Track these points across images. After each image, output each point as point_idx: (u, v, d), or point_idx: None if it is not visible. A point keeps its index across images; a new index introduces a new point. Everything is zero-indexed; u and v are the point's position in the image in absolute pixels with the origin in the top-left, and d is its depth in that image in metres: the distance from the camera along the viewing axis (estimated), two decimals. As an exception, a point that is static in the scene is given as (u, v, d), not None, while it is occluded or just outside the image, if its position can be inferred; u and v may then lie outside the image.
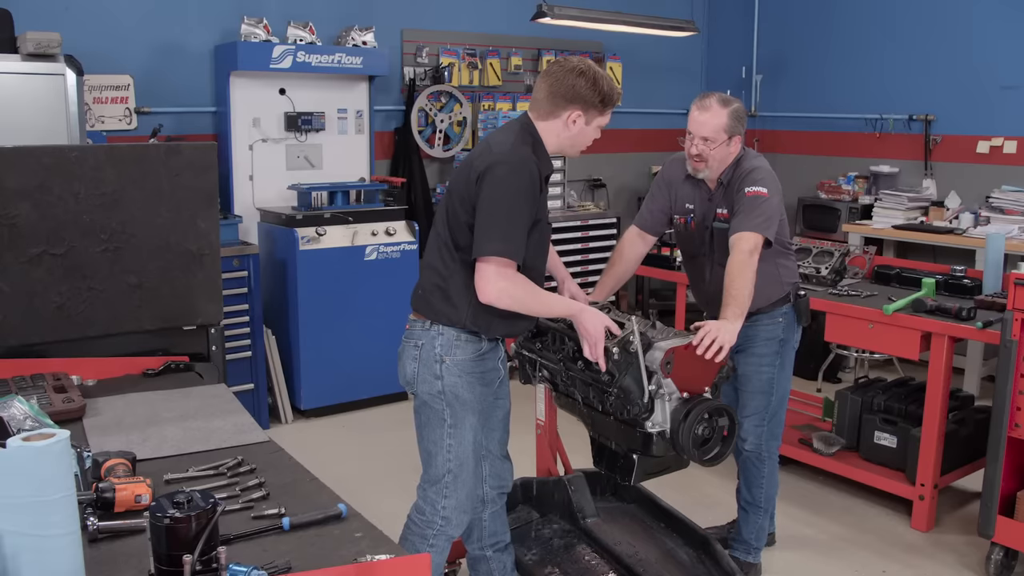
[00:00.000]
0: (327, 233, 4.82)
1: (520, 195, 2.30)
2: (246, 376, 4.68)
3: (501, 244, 2.27)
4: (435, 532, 2.52)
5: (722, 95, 2.91)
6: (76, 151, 2.84)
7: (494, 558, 2.81)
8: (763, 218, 2.79)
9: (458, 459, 2.48)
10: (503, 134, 2.45)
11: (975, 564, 3.37)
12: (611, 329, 2.42)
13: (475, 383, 2.47)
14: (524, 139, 2.40)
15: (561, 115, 2.40)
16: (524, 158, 2.33)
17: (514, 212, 2.29)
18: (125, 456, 1.91)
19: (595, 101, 2.39)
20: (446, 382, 2.43)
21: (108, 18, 4.79)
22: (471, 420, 2.48)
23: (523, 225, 2.31)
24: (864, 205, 6.07)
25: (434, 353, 2.43)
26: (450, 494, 2.51)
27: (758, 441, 3.15)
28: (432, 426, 2.49)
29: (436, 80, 5.92)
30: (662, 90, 7.10)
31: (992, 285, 3.81)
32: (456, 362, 2.43)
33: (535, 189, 2.33)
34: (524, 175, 2.31)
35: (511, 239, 2.27)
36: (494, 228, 2.27)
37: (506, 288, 2.29)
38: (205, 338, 3.09)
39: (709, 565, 2.87)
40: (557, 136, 2.44)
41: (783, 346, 3.11)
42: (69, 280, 2.74)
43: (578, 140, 2.47)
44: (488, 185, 2.30)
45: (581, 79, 2.37)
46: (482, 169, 2.32)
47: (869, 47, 6.37)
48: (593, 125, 2.45)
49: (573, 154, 2.55)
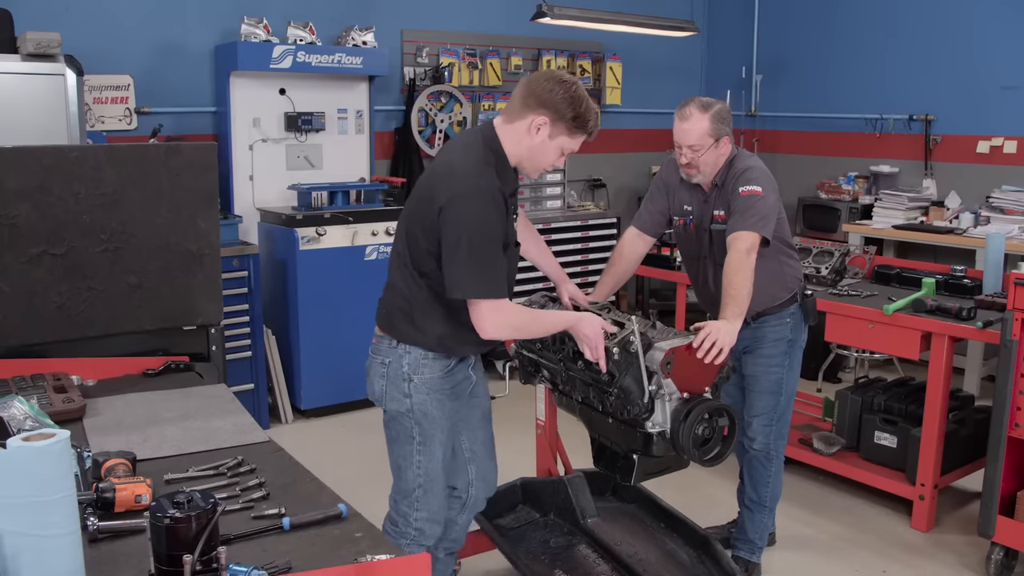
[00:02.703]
0: (327, 233, 4.82)
1: (487, 228, 2.21)
2: (246, 376, 4.68)
3: (484, 285, 2.21)
4: (408, 543, 2.51)
5: (701, 99, 2.88)
6: (76, 151, 2.84)
7: (444, 560, 2.77)
8: (759, 217, 2.79)
9: (427, 474, 2.47)
10: (464, 153, 2.32)
11: (975, 564, 3.37)
12: (608, 330, 2.42)
13: (444, 399, 2.44)
14: (487, 158, 2.28)
15: (527, 118, 2.27)
16: (485, 187, 2.22)
17: (485, 248, 2.21)
18: (125, 456, 1.91)
19: (566, 115, 2.25)
20: (415, 400, 2.40)
21: (108, 18, 4.79)
22: (441, 436, 2.46)
23: (496, 258, 2.24)
24: (864, 205, 6.07)
25: (402, 372, 2.40)
26: (421, 507, 2.49)
27: (766, 441, 3.15)
28: (401, 442, 2.46)
29: (436, 80, 5.93)
30: (662, 90, 7.10)
31: (992, 285, 3.81)
32: (424, 380, 2.40)
33: (501, 218, 2.25)
34: (489, 206, 2.21)
35: (491, 277, 2.22)
36: (471, 268, 2.20)
37: (504, 322, 2.28)
38: (205, 338, 3.09)
39: (709, 565, 2.87)
40: (518, 143, 2.31)
41: (791, 346, 3.11)
42: (69, 280, 2.74)
43: (537, 153, 2.31)
44: (453, 221, 2.21)
45: (560, 88, 2.25)
46: (444, 202, 2.22)
47: (869, 47, 6.37)
48: (556, 143, 2.30)
49: (530, 171, 2.38)
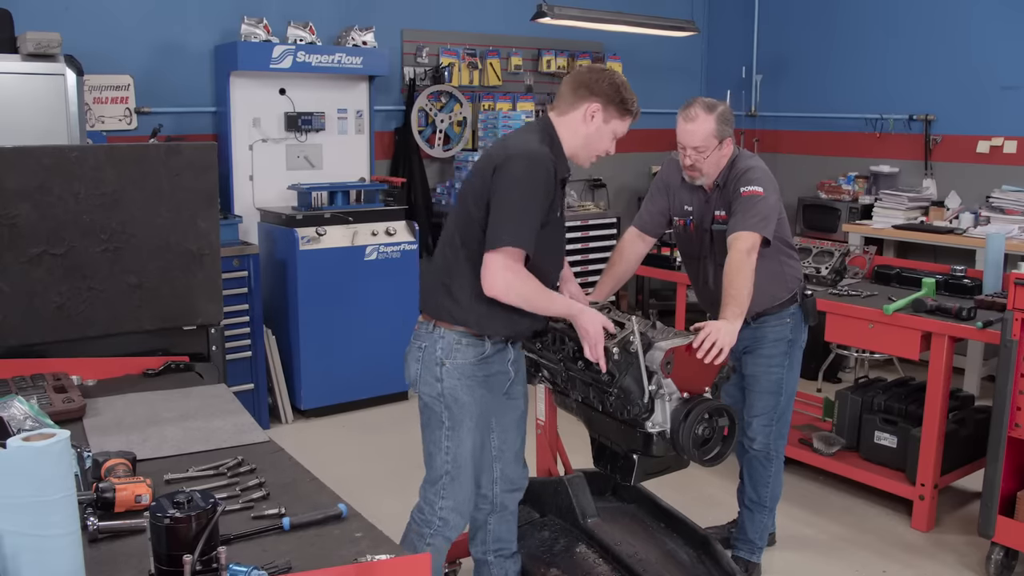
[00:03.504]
0: (327, 233, 4.82)
1: (534, 189, 2.31)
2: (246, 376, 4.68)
3: (511, 235, 2.28)
4: (432, 532, 2.53)
5: (705, 100, 2.89)
6: (76, 151, 2.84)
7: (495, 563, 2.80)
8: (759, 217, 2.79)
9: (455, 461, 2.49)
10: (522, 133, 2.50)
11: (975, 564, 3.37)
12: (609, 329, 2.42)
13: (475, 386, 2.46)
14: (543, 139, 2.42)
15: (581, 107, 2.41)
16: (542, 154, 2.35)
17: (527, 205, 2.30)
18: (125, 456, 1.91)
19: (615, 99, 2.41)
20: (445, 385, 2.43)
21: (108, 18, 4.79)
22: (469, 424, 2.48)
23: (535, 218, 2.32)
24: (864, 205, 6.08)
25: (435, 356, 2.44)
26: (447, 495, 2.51)
27: (766, 441, 3.15)
28: (432, 427, 2.50)
29: (436, 80, 5.93)
30: (662, 90, 7.09)
31: (992, 285, 3.81)
32: (456, 365, 2.43)
33: (550, 186, 2.35)
34: (540, 170, 2.32)
35: (522, 230, 2.29)
36: (506, 220, 2.29)
37: (512, 282, 2.30)
38: (205, 338, 3.08)
39: (709, 565, 2.86)
40: (574, 132, 2.44)
41: (791, 346, 3.11)
42: (69, 280, 2.74)
43: (593, 140, 2.45)
44: (503, 177, 2.32)
45: (605, 76, 2.43)
46: (499, 161, 2.35)
47: (869, 47, 6.37)
48: (610, 127, 2.44)
49: (586, 159, 2.51)
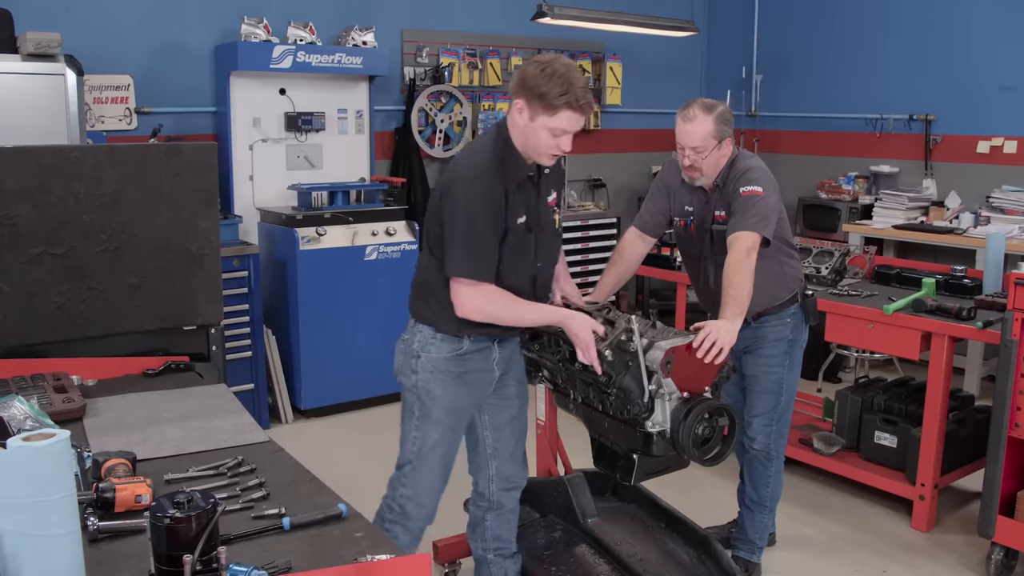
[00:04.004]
0: (327, 233, 4.82)
1: (478, 211, 2.31)
2: (246, 376, 4.68)
3: (467, 264, 2.32)
4: (392, 518, 2.57)
5: (704, 101, 2.89)
6: (76, 151, 2.84)
7: (495, 562, 2.81)
8: (759, 217, 2.79)
9: (419, 452, 2.54)
10: (477, 142, 2.49)
11: (975, 564, 3.37)
12: (599, 332, 2.42)
13: (449, 381, 2.50)
14: (495, 146, 2.38)
15: (513, 105, 2.36)
16: (482, 171, 2.33)
17: (476, 230, 2.31)
18: (125, 456, 1.91)
19: (534, 95, 2.28)
20: (419, 377, 2.50)
21: (108, 18, 4.79)
22: (438, 416, 2.51)
23: (486, 240, 2.33)
24: (864, 205, 6.07)
25: (412, 348, 2.52)
26: (407, 484, 2.56)
27: (767, 440, 3.15)
28: (405, 416, 2.58)
29: (436, 80, 5.92)
30: (662, 90, 7.10)
31: (992, 285, 3.81)
32: (430, 359, 2.48)
33: (495, 201, 2.32)
34: (480, 190, 2.31)
35: (477, 258, 2.32)
36: (457, 248, 2.32)
37: (480, 305, 2.36)
38: (205, 338, 3.08)
39: (709, 565, 2.86)
40: (516, 132, 2.38)
41: (792, 346, 3.11)
42: (69, 280, 2.74)
43: (529, 136, 2.35)
44: (448, 203, 2.34)
45: (532, 68, 2.30)
46: (445, 186, 2.38)
47: (869, 47, 6.37)
48: (539, 124, 2.31)
49: (539, 158, 2.40)
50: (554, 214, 2.57)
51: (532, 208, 2.46)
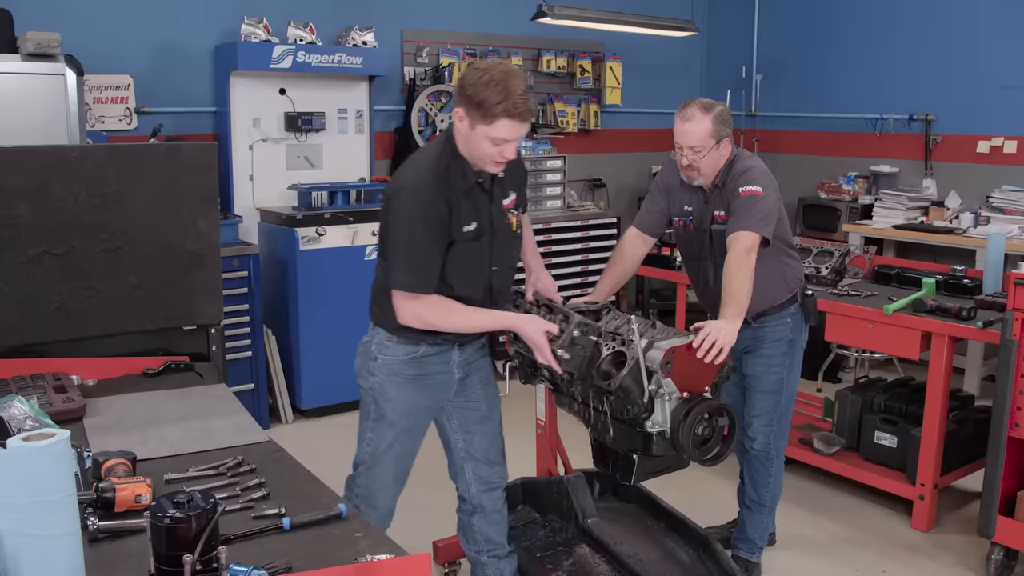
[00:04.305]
0: (327, 233, 4.82)
1: (416, 225, 2.30)
2: (246, 376, 4.68)
3: (406, 276, 2.33)
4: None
5: (703, 101, 2.89)
6: (76, 151, 2.84)
7: (489, 563, 2.79)
8: (759, 217, 2.79)
9: (373, 453, 2.56)
10: (422, 151, 2.47)
11: (975, 564, 3.37)
12: (552, 332, 2.40)
13: (403, 383, 2.51)
14: (440, 155, 2.34)
15: (455, 111, 2.32)
16: (420, 185, 2.30)
17: (413, 243, 2.30)
18: (125, 456, 1.91)
19: (472, 103, 2.21)
20: (375, 379, 2.53)
21: (108, 18, 4.79)
22: (393, 418, 2.52)
23: (426, 254, 2.31)
24: (864, 205, 6.07)
25: (371, 351, 2.55)
26: (360, 483, 2.59)
27: (767, 441, 3.15)
28: (361, 417, 2.61)
29: (436, 80, 5.92)
30: (662, 90, 7.10)
31: (992, 285, 3.81)
32: (386, 361, 2.50)
33: (432, 213, 2.29)
34: (415, 205, 2.29)
35: (415, 270, 2.32)
36: (397, 260, 2.34)
37: (420, 314, 2.37)
38: (205, 338, 3.09)
39: (710, 565, 2.86)
40: (459, 136, 2.34)
41: (792, 346, 3.11)
42: (69, 280, 2.74)
43: (471, 144, 2.30)
44: (387, 216, 2.36)
45: (470, 75, 2.24)
46: (386, 199, 2.39)
47: (869, 47, 6.37)
48: (479, 132, 2.25)
49: (485, 166, 2.34)
50: (510, 217, 2.51)
51: (483, 214, 2.41)
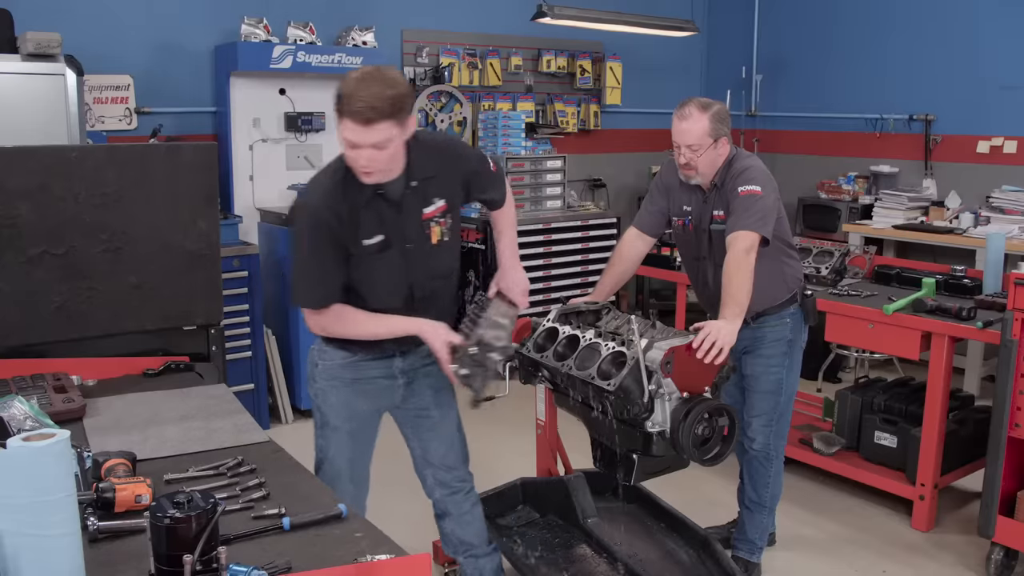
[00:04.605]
0: (327, 233, 4.81)
1: (306, 240, 2.31)
2: (246, 376, 4.67)
3: (302, 293, 2.37)
4: None
5: (700, 100, 2.89)
6: (76, 151, 2.84)
7: (467, 563, 2.79)
8: (758, 216, 2.79)
9: (323, 456, 2.58)
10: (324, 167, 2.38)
11: (975, 564, 3.37)
12: (453, 342, 2.33)
13: (342, 387, 2.52)
14: (337, 168, 2.30)
15: None
16: (309, 200, 2.33)
17: (307, 259, 2.33)
18: (125, 456, 1.91)
19: (337, 104, 2.15)
20: (317, 385, 2.55)
21: (108, 18, 4.79)
22: (336, 423, 2.54)
23: (320, 268, 2.31)
24: (864, 205, 6.07)
25: (313, 358, 2.57)
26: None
27: (766, 441, 3.15)
28: (314, 422, 2.61)
29: (436, 80, 5.92)
30: (662, 90, 7.10)
31: (992, 285, 3.80)
32: (325, 367, 2.53)
33: (325, 231, 2.26)
34: (303, 224, 2.32)
35: (310, 286, 2.35)
36: (295, 276, 2.37)
37: (324, 326, 2.40)
38: (205, 338, 3.08)
39: (710, 565, 2.87)
40: None
41: (791, 346, 3.11)
42: (69, 280, 2.74)
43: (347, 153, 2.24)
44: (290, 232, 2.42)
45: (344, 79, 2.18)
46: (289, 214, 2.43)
47: (869, 47, 6.37)
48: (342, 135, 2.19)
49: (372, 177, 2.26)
50: (432, 227, 2.39)
51: (391, 225, 2.33)
